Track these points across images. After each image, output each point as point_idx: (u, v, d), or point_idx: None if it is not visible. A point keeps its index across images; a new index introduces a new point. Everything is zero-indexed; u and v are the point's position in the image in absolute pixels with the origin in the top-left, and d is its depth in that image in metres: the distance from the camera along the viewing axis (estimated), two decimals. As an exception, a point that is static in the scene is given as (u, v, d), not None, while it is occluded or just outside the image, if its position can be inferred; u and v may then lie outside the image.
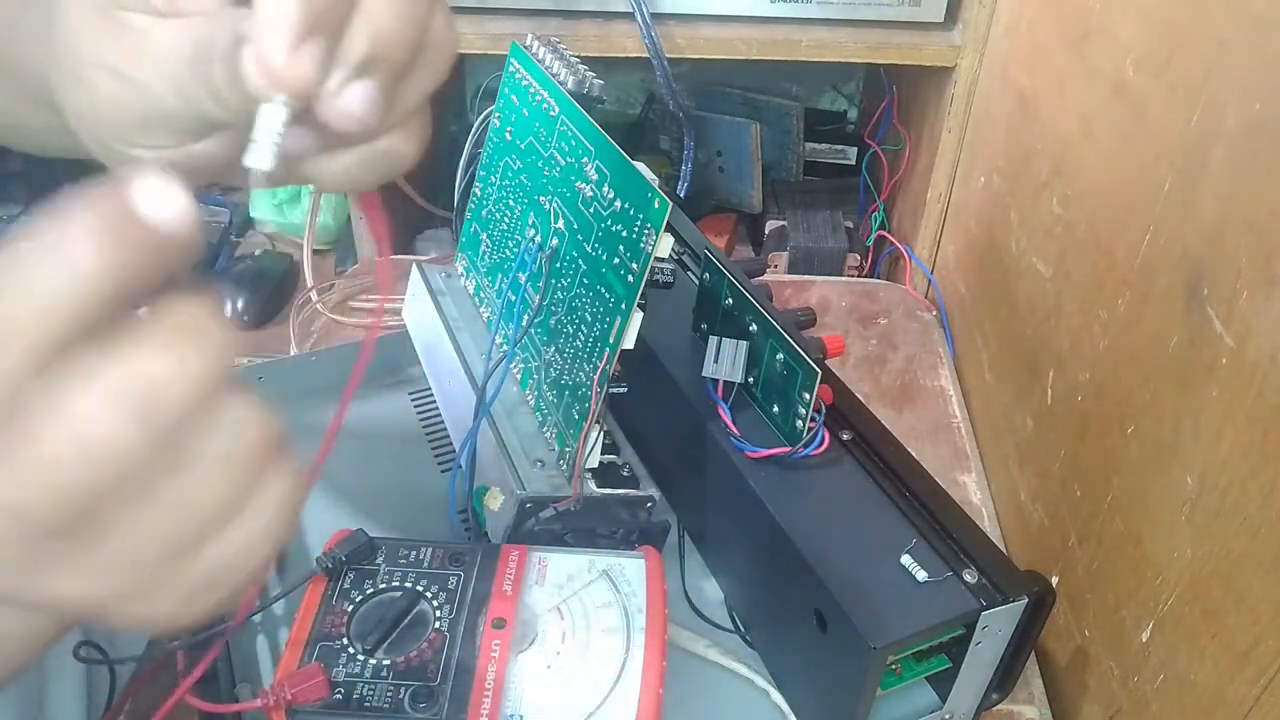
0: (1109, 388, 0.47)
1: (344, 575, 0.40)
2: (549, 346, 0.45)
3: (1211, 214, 0.39)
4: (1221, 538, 0.37)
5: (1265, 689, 0.34)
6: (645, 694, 0.36)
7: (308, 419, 0.57)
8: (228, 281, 0.83)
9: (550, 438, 0.45)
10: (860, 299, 0.77)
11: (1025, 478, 0.57)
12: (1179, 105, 0.42)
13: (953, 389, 0.68)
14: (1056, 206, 0.55)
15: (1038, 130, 0.59)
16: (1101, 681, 0.46)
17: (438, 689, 0.36)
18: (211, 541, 0.23)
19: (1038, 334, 0.57)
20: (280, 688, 0.35)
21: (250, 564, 0.24)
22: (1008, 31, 0.66)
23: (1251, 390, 0.35)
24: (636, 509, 0.44)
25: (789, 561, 0.39)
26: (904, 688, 0.40)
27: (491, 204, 0.52)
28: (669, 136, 0.94)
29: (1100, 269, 0.49)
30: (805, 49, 0.71)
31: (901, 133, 0.85)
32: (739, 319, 0.45)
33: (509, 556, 0.41)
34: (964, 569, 0.38)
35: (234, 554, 0.23)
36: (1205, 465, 0.38)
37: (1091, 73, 0.52)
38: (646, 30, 0.69)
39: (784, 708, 0.44)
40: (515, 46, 0.50)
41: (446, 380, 0.52)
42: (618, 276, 0.40)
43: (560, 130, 0.45)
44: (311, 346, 0.71)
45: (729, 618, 0.47)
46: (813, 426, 0.42)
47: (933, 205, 0.77)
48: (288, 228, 0.89)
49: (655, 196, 0.38)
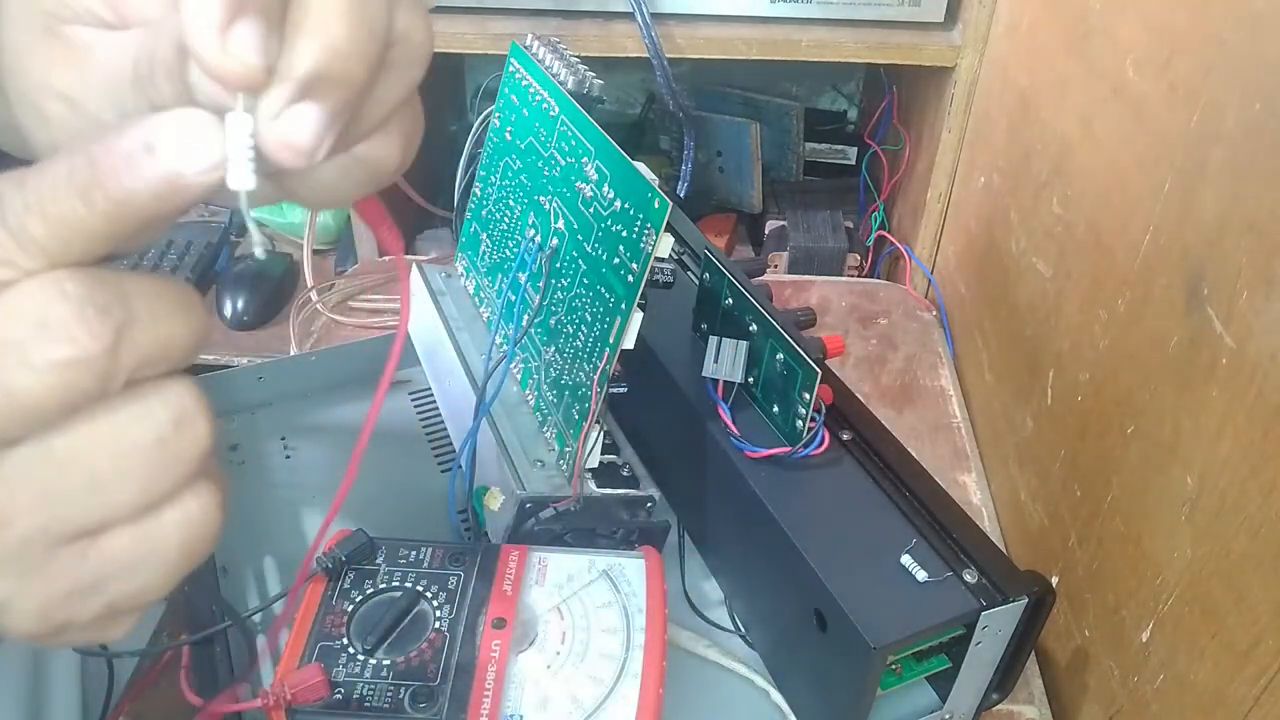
0: (1109, 388, 0.47)
1: (344, 575, 0.40)
2: (549, 346, 0.45)
3: (1211, 214, 0.39)
4: (1221, 538, 0.37)
5: (1265, 689, 0.34)
6: (645, 694, 0.36)
7: (308, 419, 0.58)
8: (228, 281, 0.83)
9: (550, 438, 0.45)
10: (860, 299, 0.77)
11: (1025, 478, 0.57)
12: (1179, 105, 0.42)
13: (953, 389, 0.68)
14: (1056, 206, 0.55)
15: (1038, 130, 0.59)
16: (1101, 681, 0.46)
17: (438, 689, 0.36)
18: (108, 534, 0.22)
19: (1038, 334, 0.57)
20: (280, 688, 0.35)
21: (143, 580, 0.22)
22: (1008, 31, 0.66)
23: (1251, 390, 0.35)
24: (636, 509, 0.44)
25: (789, 561, 0.39)
26: (904, 688, 0.40)
27: (491, 204, 0.52)
28: (669, 136, 0.94)
29: (1100, 269, 0.49)
30: (805, 49, 0.71)
31: (901, 133, 0.85)
32: (739, 319, 0.45)
33: (509, 556, 0.41)
34: (964, 569, 0.38)
35: (128, 558, 0.22)
36: (1205, 465, 0.38)
37: (1091, 73, 0.52)
38: (646, 30, 0.69)
39: (784, 708, 0.44)
40: (515, 46, 0.50)
41: (446, 380, 0.52)
42: (618, 276, 0.40)
43: (560, 130, 0.45)
44: (311, 346, 0.71)
45: (729, 618, 0.47)
46: (813, 426, 0.42)
47: (933, 205, 0.77)
48: (288, 228, 0.89)
49: (655, 196, 0.38)
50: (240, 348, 0.79)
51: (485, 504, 0.43)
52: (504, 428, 0.45)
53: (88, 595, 0.22)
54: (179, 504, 0.22)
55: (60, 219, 0.20)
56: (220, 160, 0.21)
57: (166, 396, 0.22)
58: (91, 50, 0.24)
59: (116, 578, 0.22)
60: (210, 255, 0.87)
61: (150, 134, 0.20)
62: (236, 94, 0.21)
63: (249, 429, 0.57)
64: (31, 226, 0.20)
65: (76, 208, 0.20)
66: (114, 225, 0.20)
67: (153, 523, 0.22)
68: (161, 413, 0.21)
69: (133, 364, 0.21)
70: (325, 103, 0.21)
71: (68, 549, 0.22)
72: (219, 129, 0.21)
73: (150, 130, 0.20)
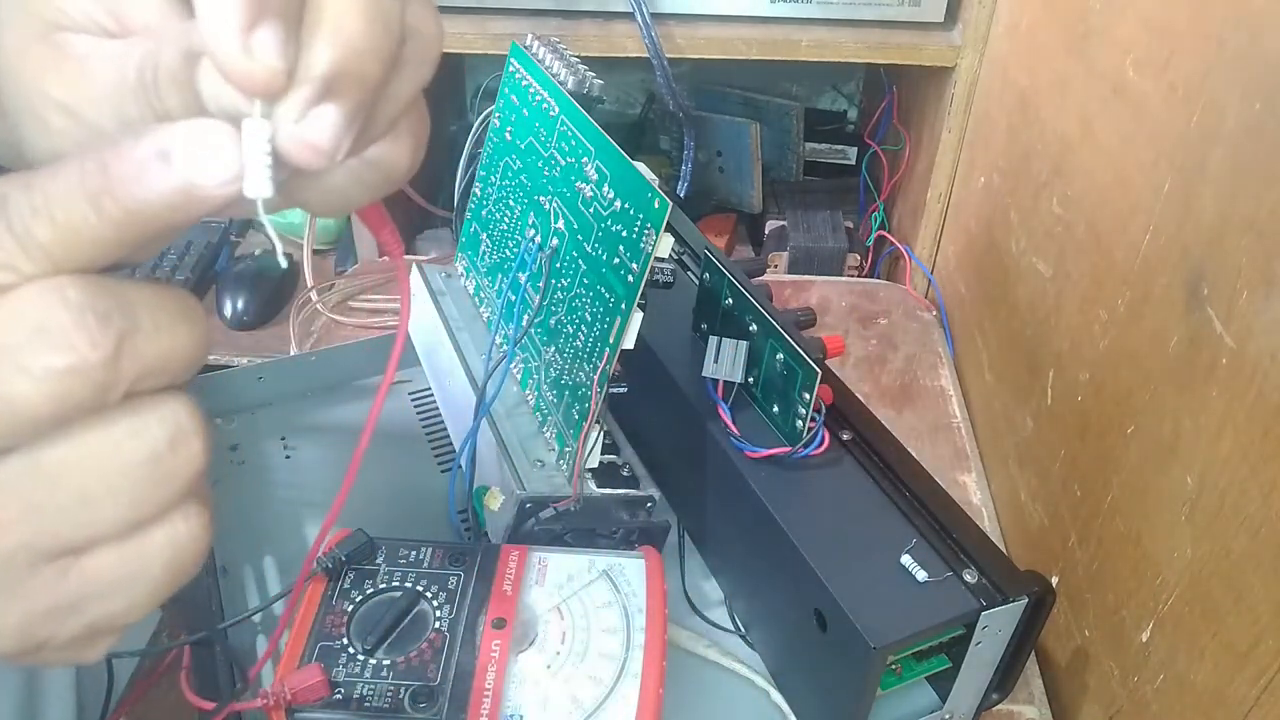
0: (1109, 388, 0.47)
1: (344, 575, 0.40)
2: (549, 346, 0.45)
3: (1211, 214, 0.39)
4: (1221, 538, 0.37)
5: (1265, 689, 0.34)
6: (645, 694, 0.36)
7: (308, 419, 0.58)
8: (228, 281, 0.83)
9: (550, 438, 0.45)
10: (860, 299, 0.77)
11: (1025, 478, 0.57)
12: (1179, 105, 0.42)
13: (953, 389, 0.68)
14: (1056, 206, 0.55)
15: (1038, 130, 0.59)
16: (1101, 681, 0.46)
17: (438, 689, 0.36)
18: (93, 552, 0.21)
19: (1038, 334, 0.57)
20: (280, 687, 0.35)
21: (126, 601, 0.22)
22: (1008, 31, 0.66)
23: (1251, 390, 0.35)
24: (636, 509, 0.44)
25: (789, 561, 0.39)
26: (904, 688, 0.40)
27: (491, 204, 0.52)
28: (669, 136, 0.94)
29: (1100, 269, 0.49)
30: (805, 49, 0.71)
31: (901, 133, 0.85)
32: (739, 319, 0.45)
33: (509, 556, 0.41)
34: (964, 569, 0.38)
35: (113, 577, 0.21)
36: (1205, 465, 0.38)
37: (1091, 73, 0.52)
38: (646, 30, 0.69)
39: (784, 708, 0.44)
40: (515, 46, 0.50)
41: (446, 380, 0.52)
42: (618, 276, 0.40)
43: (560, 130, 0.45)
44: (311, 346, 0.71)
45: (729, 618, 0.47)
46: (813, 426, 0.42)
47: (933, 205, 0.77)
48: (288, 228, 0.88)
49: (655, 196, 0.38)
50: (240, 348, 0.79)
51: (485, 504, 0.43)
52: (504, 428, 0.45)
53: (68, 615, 0.21)
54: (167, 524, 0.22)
55: (69, 224, 0.19)
56: (238, 172, 0.20)
57: (163, 413, 0.21)
58: (91, 59, 0.23)
59: (99, 597, 0.21)
60: (210, 255, 0.87)
61: (166, 142, 0.20)
62: (254, 100, 0.20)
63: (249, 429, 0.57)
64: (38, 231, 0.19)
65: (86, 214, 0.19)
66: (123, 233, 0.20)
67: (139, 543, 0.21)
68: (158, 429, 0.21)
69: (133, 376, 0.20)
70: (344, 102, 0.21)
71: (51, 566, 0.21)
72: (236, 140, 0.20)
73: (166, 138, 0.20)
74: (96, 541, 0.21)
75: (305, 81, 0.20)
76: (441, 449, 0.56)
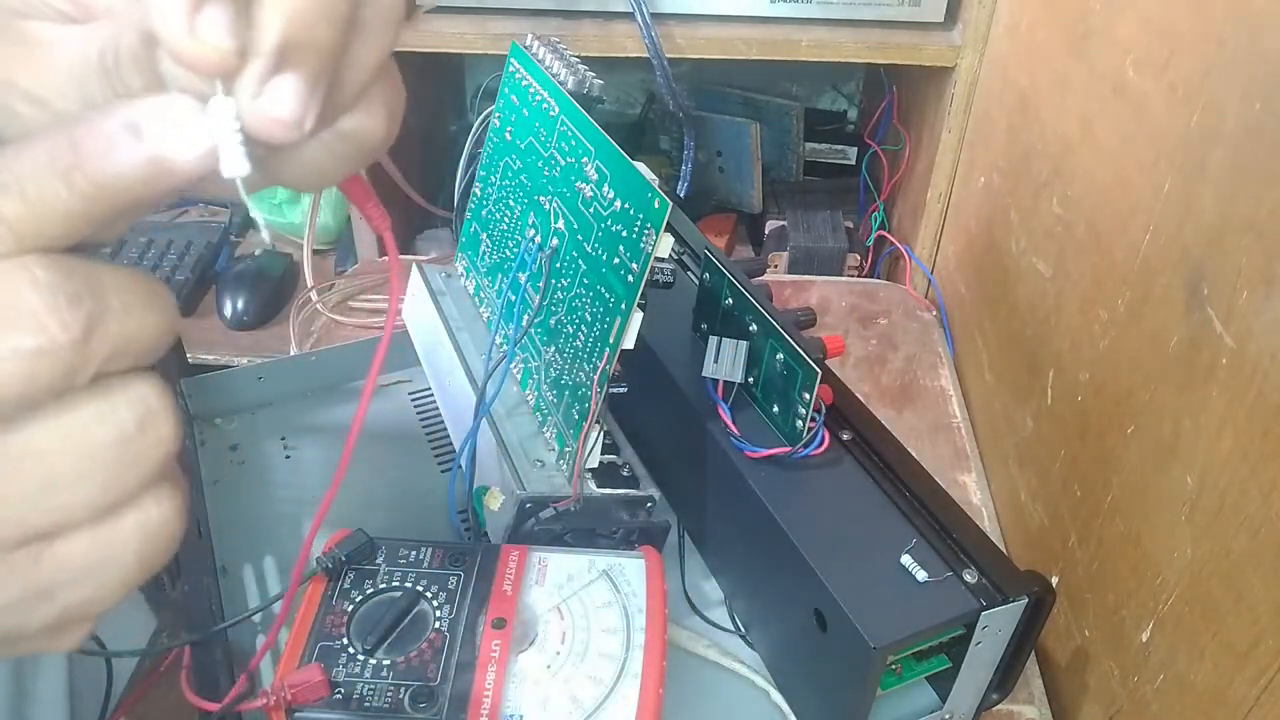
0: (1109, 388, 0.47)
1: (344, 575, 0.40)
2: (549, 346, 0.45)
3: (1211, 214, 0.39)
4: (1221, 538, 0.37)
5: (1265, 689, 0.34)
6: (645, 694, 0.36)
7: (307, 419, 0.58)
8: (228, 281, 0.83)
9: (550, 438, 0.45)
10: (860, 299, 0.77)
11: (1025, 478, 0.57)
12: (1179, 105, 0.42)
13: (953, 389, 0.68)
14: (1056, 206, 0.55)
15: (1038, 130, 0.59)
16: (1101, 681, 0.46)
17: (438, 689, 0.36)
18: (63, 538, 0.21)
19: (1038, 334, 0.57)
20: (280, 688, 0.35)
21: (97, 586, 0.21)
22: (1008, 31, 0.66)
23: (1251, 390, 0.35)
24: (636, 509, 0.44)
25: (789, 561, 0.39)
26: (904, 688, 0.40)
27: (491, 204, 0.52)
28: (669, 136, 0.94)
29: (1100, 269, 0.49)
30: (805, 49, 0.71)
31: (901, 133, 0.85)
32: (739, 319, 0.45)
33: (509, 556, 0.41)
34: (964, 569, 0.38)
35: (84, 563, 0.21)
36: (1205, 465, 0.38)
37: (1091, 73, 0.52)
38: (646, 30, 0.69)
39: (784, 708, 0.44)
40: (515, 46, 0.50)
41: (446, 380, 0.52)
42: (618, 276, 0.40)
43: (560, 130, 0.45)
44: (311, 346, 0.71)
45: (729, 618, 0.47)
46: (813, 426, 0.42)
47: (933, 205, 0.78)
48: (288, 228, 0.89)
49: (655, 196, 0.38)
50: (240, 348, 0.79)
51: (485, 504, 0.43)
52: (504, 428, 0.45)
53: (39, 602, 0.21)
54: (139, 508, 0.21)
55: (39, 199, 0.19)
56: (205, 146, 0.20)
57: (131, 394, 0.21)
58: (55, 46, 0.23)
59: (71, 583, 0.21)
60: (210, 255, 0.87)
61: (134, 115, 0.20)
62: (214, 80, 0.20)
63: (249, 429, 0.57)
64: (6, 207, 0.19)
65: (57, 189, 0.19)
66: (93, 208, 0.20)
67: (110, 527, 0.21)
68: (126, 411, 0.20)
69: (101, 358, 0.20)
70: (301, 71, 0.21)
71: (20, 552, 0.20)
72: (202, 114, 0.20)
73: (134, 112, 0.20)
74: (67, 526, 0.21)
75: (257, 55, 0.20)
76: (441, 449, 0.56)
